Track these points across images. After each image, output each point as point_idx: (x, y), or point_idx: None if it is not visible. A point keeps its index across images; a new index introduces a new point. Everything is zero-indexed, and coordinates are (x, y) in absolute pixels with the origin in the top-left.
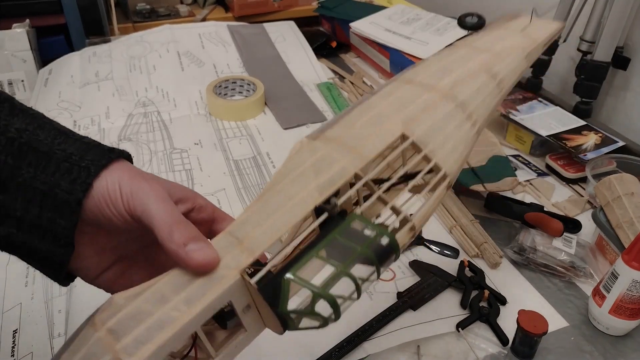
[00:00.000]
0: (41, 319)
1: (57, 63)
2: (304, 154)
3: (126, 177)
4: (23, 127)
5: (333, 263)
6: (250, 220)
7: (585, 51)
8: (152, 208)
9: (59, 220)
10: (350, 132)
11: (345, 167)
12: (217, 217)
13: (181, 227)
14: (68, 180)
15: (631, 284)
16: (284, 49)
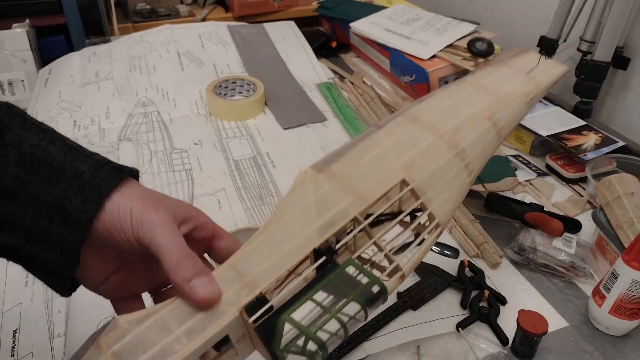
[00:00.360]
0: (41, 319)
1: (57, 63)
2: (308, 188)
3: (138, 203)
4: (36, 142)
5: (326, 307)
6: (253, 255)
7: (585, 51)
8: (160, 240)
9: (67, 235)
10: (354, 171)
11: (346, 209)
12: (217, 235)
13: (187, 262)
14: (80, 198)
15: (631, 284)
16: (284, 49)
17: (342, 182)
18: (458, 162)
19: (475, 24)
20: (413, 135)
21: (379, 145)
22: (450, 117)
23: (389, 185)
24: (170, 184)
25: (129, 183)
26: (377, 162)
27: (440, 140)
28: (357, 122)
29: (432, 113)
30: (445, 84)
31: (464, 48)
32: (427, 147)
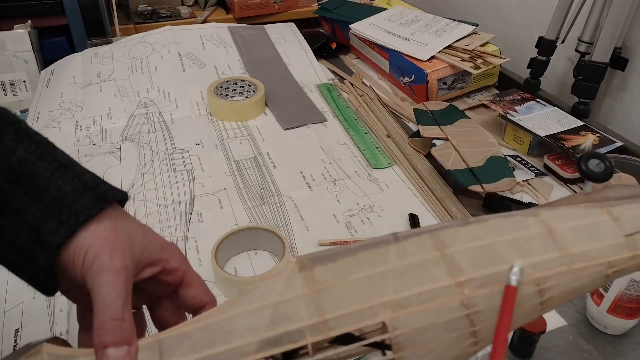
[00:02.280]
0: (43, 318)
1: (59, 64)
2: (279, 284)
3: (98, 244)
4: (25, 156)
5: None
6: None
7: (583, 52)
8: (98, 293)
9: (40, 255)
10: (336, 286)
11: (301, 331)
12: (186, 282)
13: (112, 326)
14: (56, 221)
15: (629, 283)
16: (285, 50)
17: (315, 296)
18: (465, 326)
19: (474, 25)
20: (426, 269)
21: (382, 264)
22: (486, 262)
23: (364, 323)
24: (171, 184)
25: (107, 215)
26: (366, 286)
27: (457, 290)
28: (357, 122)
29: (467, 247)
30: (444, 84)
31: (462, 49)
32: (434, 292)
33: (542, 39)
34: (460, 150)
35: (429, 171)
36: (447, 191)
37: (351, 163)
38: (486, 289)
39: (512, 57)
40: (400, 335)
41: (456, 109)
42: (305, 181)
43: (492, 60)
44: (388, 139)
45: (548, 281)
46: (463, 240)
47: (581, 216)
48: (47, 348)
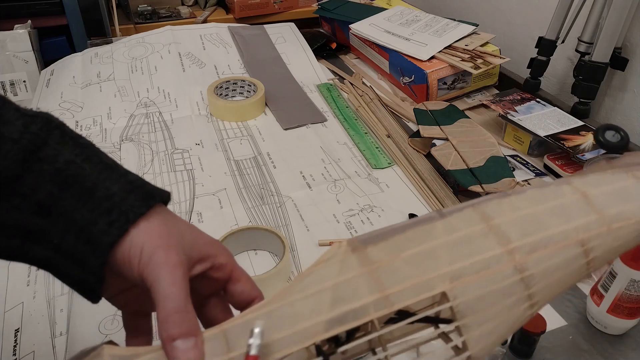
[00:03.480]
0: (43, 318)
1: (59, 64)
2: (334, 267)
3: (152, 241)
4: (71, 158)
5: None
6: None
7: (583, 52)
8: (159, 287)
9: (90, 256)
10: (391, 263)
11: (365, 309)
12: (234, 277)
13: (178, 318)
14: (106, 221)
15: (629, 283)
16: (285, 50)
17: (373, 273)
18: (520, 290)
19: (474, 25)
20: (476, 240)
21: (432, 239)
22: (531, 229)
23: (425, 295)
24: (171, 184)
25: (155, 212)
26: (421, 261)
27: (508, 257)
28: (357, 122)
29: (511, 217)
30: (444, 84)
31: (462, 49)
32: (487, 261)
33: (542, 39)
34: (460, 150)
35: (429, 171)
36: (447, 191)
37: (351, 163)
38: (535, 253)
39: (512, 57)
40: (461, 304)
41: (456, 109)
42: (305, 181)
43: (492, 60)
44: (388, 139)
45: (591, 241)
46: (506, 211)
47: (610, 181)
48: (108, 350)
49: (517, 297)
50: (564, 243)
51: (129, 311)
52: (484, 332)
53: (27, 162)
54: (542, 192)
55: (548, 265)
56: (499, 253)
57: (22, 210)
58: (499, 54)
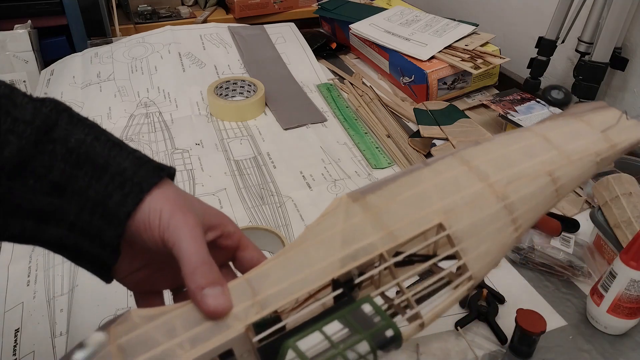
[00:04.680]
0: (43, 318)
1: (59, 64)
2: (340, 214)
3: (169, 206)
4: (82, 137)
5: (334, 342)
6: (269, 275)
7: (583, 52)
8: (182, 245)
9: (107, 230)
10: (389, 206)
11: (373, 244)
12: (242, 245)
13: (204, 269)
14: (120, 193)
15: (629, 284)
16: (285, 50)
17: (375, 216)
18: (505, 216)
19: (474, 25)
20: (460, 179)
21: (421, 183)
22: (505, 166)
23: (424, 227)
24: None
25: (166, 183)
26: (415, 201)
27: (489, 189)
28: (357, 122)
29: (486, 158)
30: (444, 84)
31: (462, 49)
32: (472, 194)
33: (542, 39)
34: None
35: None
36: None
37: (351, 163)
38: (512, 184)
39: (512, 57)
40: (457, 231)
41: (456, 108)
42: (305, 181)
43: (492, 60)
44: (388, 139)
45: (556, 172)
46: (481, 154)
47: (564, 125)
48: (135, 312)
49: (503, 222)
50: (534, 174)
51: (140, 291)
52: (480, 254)
53: (40, 142)
54: (508, 137)
55: (524, 193)
56: (481, 187)
57: (36, 191)
58: (499, 54)
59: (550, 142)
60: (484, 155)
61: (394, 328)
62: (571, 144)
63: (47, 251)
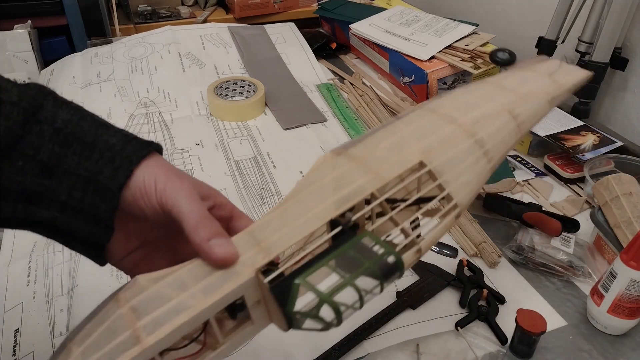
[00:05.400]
0: (42, 318)
1: (59, 64)
2: (326, 167)
3: (162, 173)
4: (68, 117)
5: (341, 273)
6: (270, 225)
7: (583, 52)
8: (181, 204)
9: (100, 205)
10: (372, 154)
11: (363, 186)
12: (235, 215)
13: (207, 223)
14: (111, 168)
15: (629, 284)
16: (285, 50)
17: (360, 163)
18: (477, 149)
19: (474, 25)
20: (432, 125)
21: (398, 132)
22: (469, 109)
23: (407, 166)
24: None
25: (154, 156)
26: (395, 147)
27: (459, 129)
28: (357, 122)
29: (452, 106)
30: (444, 84)
31: (462, 49)
32: (445, 135)
33: (542, 38)
34: None
35: None
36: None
37: None
38: (478, 123)
39: None
40: (437, 166)
41: None
42: None
43: None
44: None
45: (515, 110)
46: (446, 104)
47: (515, 74)
48: (142, 277)
49: (476, 155)
50: (496, 113)
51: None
52: (460, 184)
53: (27, 123)
54: (467, 88)
55: (491, 129)
56: (452, 128)
57: (26, 172)
58: None
59: (505, 88)
60: (449, 103)
61: (395, 254)
62: (524, 87)
63: (47, 251)
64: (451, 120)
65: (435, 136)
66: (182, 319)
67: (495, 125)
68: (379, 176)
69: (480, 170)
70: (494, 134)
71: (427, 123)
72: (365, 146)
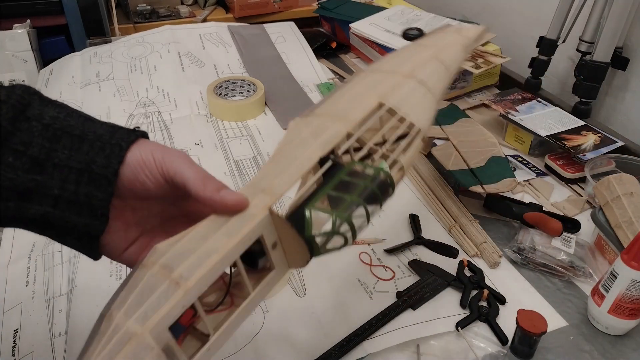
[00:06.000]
0: (42, 318)
1: (58, 63)
2: (300, 127)
3: (155, 147)
4: (55, 114)
5: (343, 195)
6: (267, 175)
7: (584, 51)
8: (183, 169)
9: (96, 193)
10: (336, 108)
11: (338, 130)
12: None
13: (212, 180)
14: (102, 156)
15: (630, 284)
16: (284, 50)
17: (329, 116)
18: (421, 87)
19: (474, 25)
20: (379, 79)
21: (352, 89)
22: (405, 63)
23: (369, 109)
24: None
25: (143, 140)
26: (354, 99)
27: (401, 76)
28: None
29: (390, 64)
30: None
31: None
32: (393, 82)
33: (543, 38)
34: (461, 151)
35: (429, 171)
36: (447, 191)
37: None
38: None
39: (513, 57)
40: (395, 104)
41: (457, 108)
42: None
43: (493, 59)
44: None
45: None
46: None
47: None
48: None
49: (422, 91)
50: (427, 61)
51: None
52: (417, 113)
53: (17, 120)
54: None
55: (427, 72)
56: (396, 77)
57: (16, 168)
58: (499, 53)
59: (427, 45)
60: (387, 63)
61: (384, 171)
62: (441, 42)
63: (46, 252)
64: (393, 72)
65: (385, 84)
66: (214, 259)
67: (430, 69)
68: (348, 120)
69: (429, 102)
70: (430, 75)
71: (375, 79)
72: (328, 105)
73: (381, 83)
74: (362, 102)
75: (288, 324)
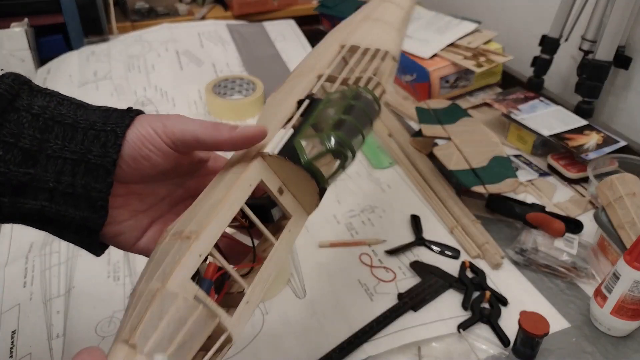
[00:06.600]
0: (40, 319)
1: (56, 62)
2: (276, 95)
3: (152, 119)
4: (44, 104)
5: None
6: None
7: (587, 50)
8: (188, 124)
9: (94, 185)
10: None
11: (310, 79)
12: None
13: (222, 123)
14: (98, 145)
15: (633, 285)
16: (284, 48)
17: (299, 75)
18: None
19: (476, 23)
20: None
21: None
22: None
23: (334, 53)
24: None
25: (138, 117)
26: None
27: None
28: None
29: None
30: (446, 83)
31: (465, 47)
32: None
33: (545, 37)
34: (463, 150)
35: (431, 171)
36: (449, 192)
37: None
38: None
39: (515, 55)
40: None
41: (459, 107)
42: None
43: (495, 58)
44: (389, 139)
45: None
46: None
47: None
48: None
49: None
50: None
51: None
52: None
53: (5, 111)
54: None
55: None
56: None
57: (8, 161)
58: (502, 52)
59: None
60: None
61: (362, 88)
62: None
63: (44, 252)
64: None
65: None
66: (218, 208)
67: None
68: (315, 67)
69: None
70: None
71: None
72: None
73: (339, 34)
74: (326, 52)
75: (288, 326)
